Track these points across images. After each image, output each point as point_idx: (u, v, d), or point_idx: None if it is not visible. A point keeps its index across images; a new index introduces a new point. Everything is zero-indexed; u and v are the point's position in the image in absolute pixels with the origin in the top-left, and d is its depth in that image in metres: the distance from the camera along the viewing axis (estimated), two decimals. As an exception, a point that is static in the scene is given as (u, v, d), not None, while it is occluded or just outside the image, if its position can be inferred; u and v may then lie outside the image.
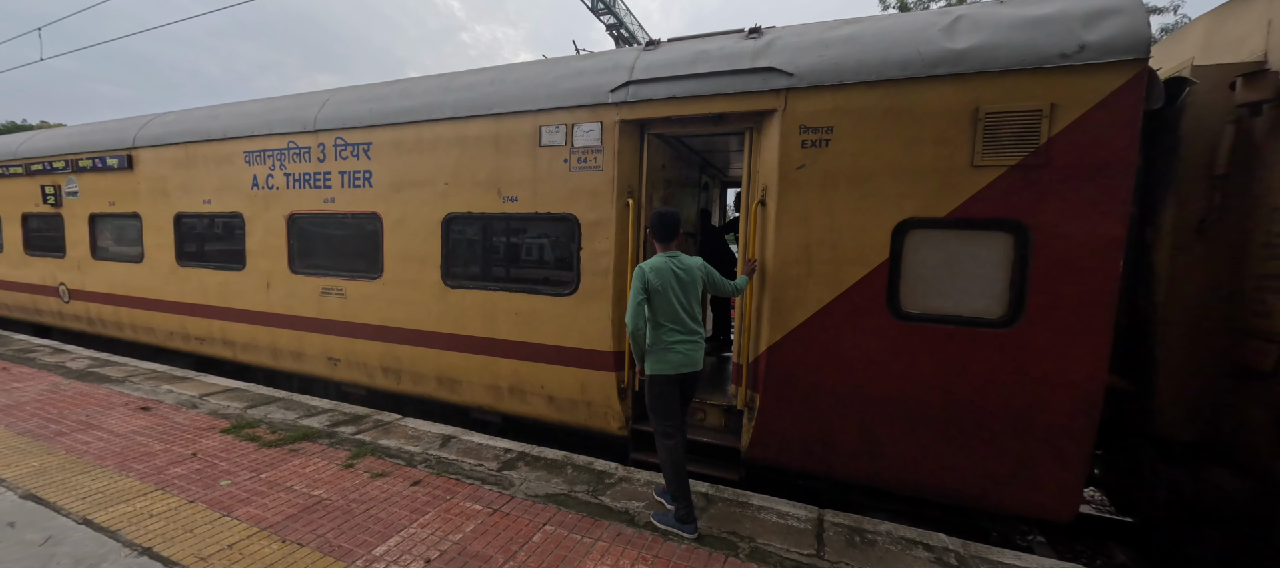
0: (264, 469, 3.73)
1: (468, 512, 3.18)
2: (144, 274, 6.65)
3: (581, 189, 4.05)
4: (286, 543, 2.87)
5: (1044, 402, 3.00)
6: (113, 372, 6.05)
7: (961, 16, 3.21)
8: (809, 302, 3.45)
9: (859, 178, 3.28)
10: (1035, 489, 3.08)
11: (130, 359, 6.66)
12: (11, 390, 5.31)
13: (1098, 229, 2.85)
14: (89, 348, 7.24)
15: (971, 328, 3.12)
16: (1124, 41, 2.78)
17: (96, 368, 6.19)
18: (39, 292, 7.96)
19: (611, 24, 19.12)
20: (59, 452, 3.95)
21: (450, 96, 4.58)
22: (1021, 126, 2.95)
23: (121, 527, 3.01)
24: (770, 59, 3.51)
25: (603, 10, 18.71)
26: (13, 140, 8.34)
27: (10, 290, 8.42)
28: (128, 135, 6.64)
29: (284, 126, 5.38)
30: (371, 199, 4.94)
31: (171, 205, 6.27)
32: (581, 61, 4.28)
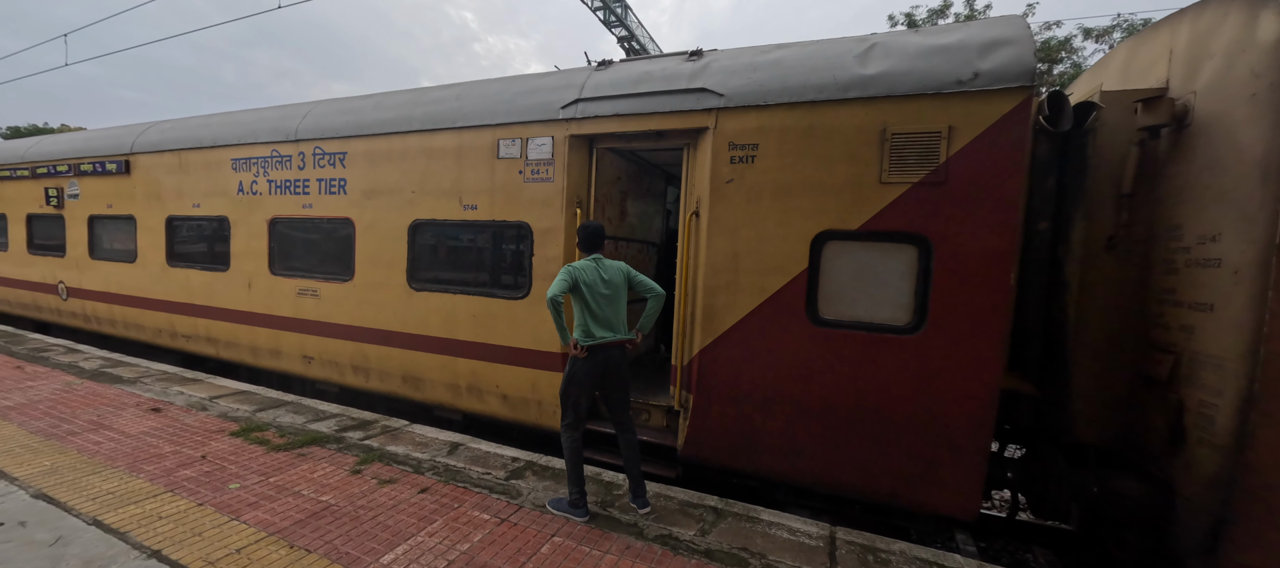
0: (273, 473, 3.72)
1: (476, 521, 3.15)
2: (137, 274, 6.97)
3: (534, 199, 4.31)
4: (294, 549, 2.85)
5: (945, 404, 3.20)
6: (125, 372, 6.13)
7: (876, 44, 3.46)
8: (737, 308, 3.67)
9: (781, 192, 3.52)
10: (940, 488, 3.26)
11: (142, 360, 6.75)
12: (26, 389, 5.37)
13: (991, 242, 3.06)
14: (100, 347, 7.55)
15: (881, 334, 3.33)
16: (1013, 70, 3.02)
17: (109, 368, 6.28)
18: (40, 289, 8.31)
19: (622, 37, 19.18)
20: (71, 452, 3.96)
21: (419, 110, 4.87)
22: (923, 147, 3.18)
23: (131, 529, 3.00)
24: (704, 81, 3.77)
25: (614, 22, 18.98)
26: (21, 144, 8.77)
27: (13, 288, 8.79)
28: (127, 142, 7.00)
29: (268, 136, 5.70)
30: (345, 205, 5.22)
31: (164, 208, 6.60)
32: (537, 80, 4.57)
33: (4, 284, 8.92)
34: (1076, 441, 3.69)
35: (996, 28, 3.23)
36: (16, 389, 5.33)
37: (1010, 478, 3.72)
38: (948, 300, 3.16)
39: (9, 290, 8.89)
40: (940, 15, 15.53)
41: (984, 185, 3.06)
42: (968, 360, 3.13)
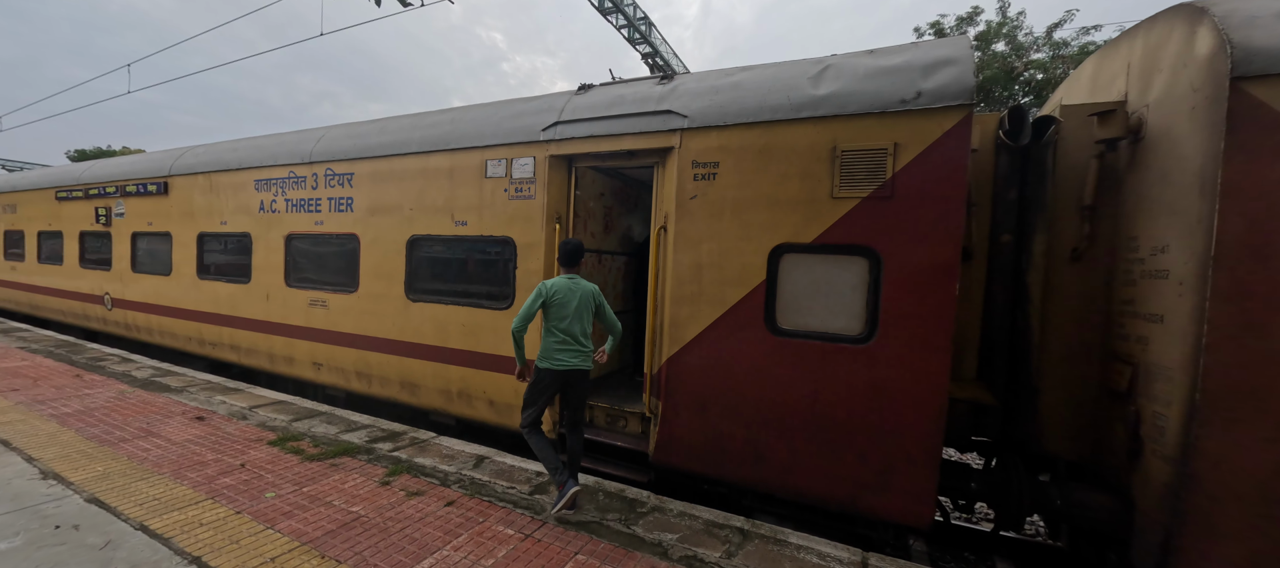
0: (306, 483, 3.80)
1: (500, 536, 3.16)
2: (171, 285, 7.56)
3: (518, 215, 4.59)
4: (325, 559, 2.90)
5: (896, 413, 3.27)
6: (172, 381, 6.40)
7: (829, 66, 3.62)
8: (701, 318, 3.83)
9: (740, 207, 3.68)
10: (894, 495, 3.32)
11: (188, 370, 7.05)
12: (83, 397, 5.62)
13: (935, 254, 3.15)
14: (138, 354, 8.19)
15: (835, 344, 3.43)
16: (952, 89, 3.14)
17: (158, 377, 6.57)
18: (89, 300, 9.07)
19: (646, 53, 19.42)
20: (121, 458, 4.12)
21: (417, 133, 5.24)
22: (871, 163, 3.31)
23: (174, 535, 3.10)
24: (670, 103, 3.99)
25: (638, 40, 19.41)
26: (78, 168, 9.63)
27: (67, 299, 9.60)
28: (166, 165, 7.66)
29: (286, 158, 6.18)
30: (352, 222, 5.62)
31: (196, 225, 7.18)
32: (521, 104, 4.88)
33: (60, 296, 9.75)
34: (1046, 452, 3.70)
35: (941, 49, 3.35)
36: (75, 397, 5.62)
37: (974, 489, 3.72)
38: (896, 311, 3.26)
39: (63, 301, 9.71)
40: (969, 23, 15.41)
41: (928, 199, 3.17)
42: (916, 370, 3.21)
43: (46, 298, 10.11)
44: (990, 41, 14.97)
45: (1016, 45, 14.76)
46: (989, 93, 14.39)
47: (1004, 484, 3.59)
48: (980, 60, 14.69)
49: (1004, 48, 14.84)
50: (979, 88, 14.10)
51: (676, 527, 3.36)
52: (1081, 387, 3.58)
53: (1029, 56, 14.35)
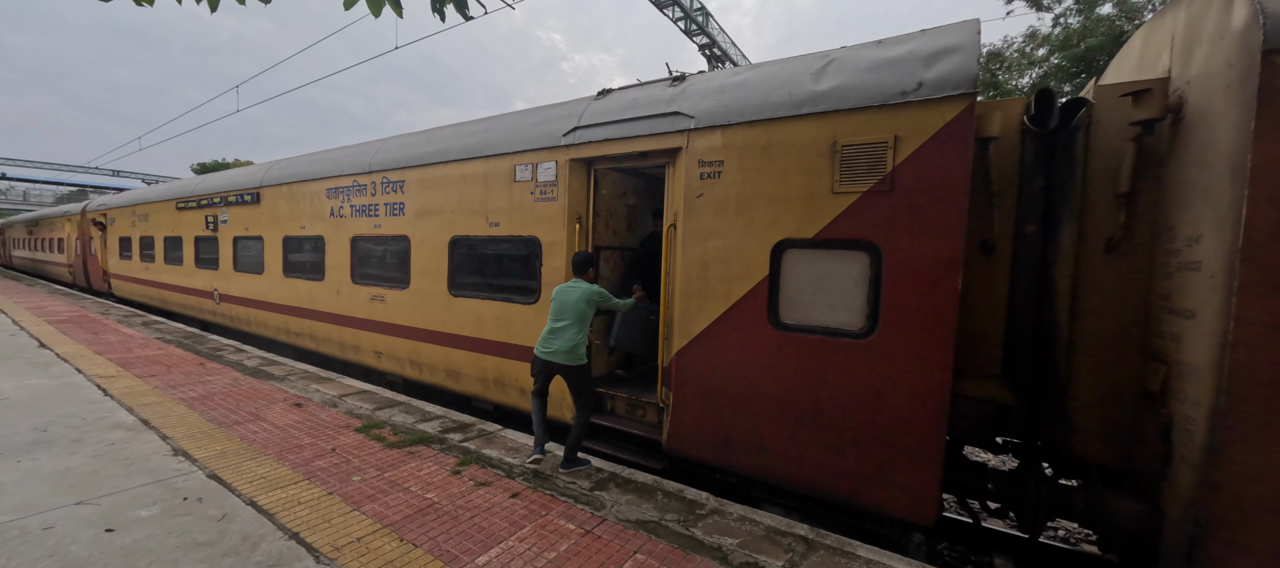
0: (387, 469, 4.04)
1: (561, 530, 3.24)
2: (263, 283, 8.66)
3: (543, 216, 4.91)
4: (403, 542, 3.08)
5: (897, 409, 3.25)
6: (276, 371, 6.98)
7: (832, 60, 3.61)
8: (708, 312, 3.95)
9: (744, 204, 3.76)
10: (896, 490, 3.30)
11: (288, 360, 7.66)
12: (205, 383, 6.29)
13: (936, 249, 3.09)
14: (240, 342, 9.46)
15: (837, 338, 3.45)
16: (955, 78, 3.05)
17: (265, 366, 7.18)
18: (202, 295, 10.53)
19: (704, 44, 19.12)
20: (235, 439, 4.52)
21: (457, 142, 5.70)
22: (871, 157, 3.29)
23: (277, 511, 3.37)
24: (679, 105, 4.12)
25: (695, 31, 19.21)
26: (192, 182, 11.17)
27: (184, 294, 11.20)
28: (258, 177, 8.75)
29: (351, 169, 6.91)
30: (404, 225, 6.21)
31: (281, 230, 8.17)
32: (546, 111, 5.18)
33: (181, 291, 11.39)
34: (1076, 457, 3.50)
35: (945, 37, 3.25)
36: (198, 383, 6.29)
37: (990, 490, 3.59)
38: (897, 306, 3.23)
39: (184, 296, 11.33)
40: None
41: (929, 192, 3.11)
42: (917, 365, 3.17)
43: (171, 294, 11.83)
44: (1095, 4, 13.42)
45: (1128, 6, 13.00)
46: (1092, 63, 12.91)
47: (1021, 487, 3.44)
48: (1082, 26, 13.29)
49: (1111, 9, 13.19)
50: (1082, 58, 12.81)
51: (737, 531, 3.28)
52: (1116, 388, 3.36)
53: (1142, 17, 12.71)
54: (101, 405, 5.25)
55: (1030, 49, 16.57)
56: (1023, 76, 16.87)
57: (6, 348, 7.67)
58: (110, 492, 3.52)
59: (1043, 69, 14.98)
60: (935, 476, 3.16)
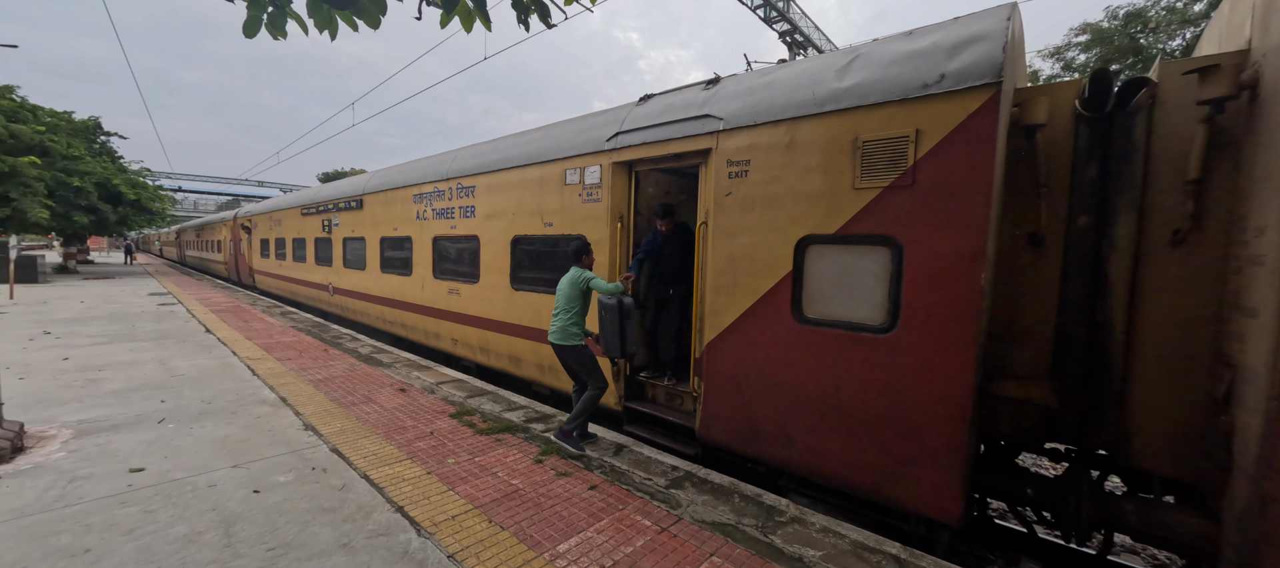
0: (477, 454, 4.29)
1: (638, 526, 3.29)
2: (365, 278, 9.95)
3: (589, 216, 5.30)
4: (491, 523, 3.25)
5: (918, 405, 3.22)
6: (384, 358, 7.72)
7: (858, 56, 3.61)
8: (736, 306, 4.11)
9: (769, 201, 3.87)
10: (917, 486, 3.28)
11: (393, 349, 8.43)
12: (328, 367, 7.10)
13: (960, 243, 3.04)
14: (364, 334, 10.95)
15: (858, 333, 3.47)
16: (978, 68, 2.97)
17: (375, 354, 7.95)
18: (319, 288, 12.25)
19: (785, 30, 18.43)
20: (352, 419, 5.01)
21: (517, 150, 6.27)
22: (891, 152, 3.28)
23: (386, 485, 3.68)
24: (709, 108, 4.29)
25: (775, 18, 18.20)
26: (310, 192, 12.99)
27: (307, 287, 13.07)
28: (361, 186, 10.05)
29: (432, 177, 7.78)
30: (474, 226, 6.91)
31: (379, 231, 9.35)
32: (593, 118, 5.55)
33: (305, 285, 13.31)
34: (1137, 466, 3.25)
35: (973, 25, 3.15)
36: (323, 367, 7.12)
37: (1031, 495, 3.42)
38: (918, 301, 3.20)
39: (303, 289, 13.23)
40: None
41: (952, 186, 3.06)
42: (938, 362, 3.13)
43: (298, 287, 13.85)
44: None
45: None
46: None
47: (1062, 494, 3.26)
48: None
49: None
50: None
51: (819, 543, 3.15)
52: (1183, 394, 3.08)
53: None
54: (250, 383, 6.20)
55: (1183, 4, 14.34)
56: (1174, 39, 14.63)
57: (181, 332, 9.45)
58: (257, 458, 4.11)
59: (1201, 28, 12.98)
60: (958, 475, 3.10)
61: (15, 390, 5.45)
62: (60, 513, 3.26)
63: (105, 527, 3.12)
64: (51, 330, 9.15)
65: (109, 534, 3.05)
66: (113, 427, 4.66)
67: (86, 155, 20.25)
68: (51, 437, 4.39)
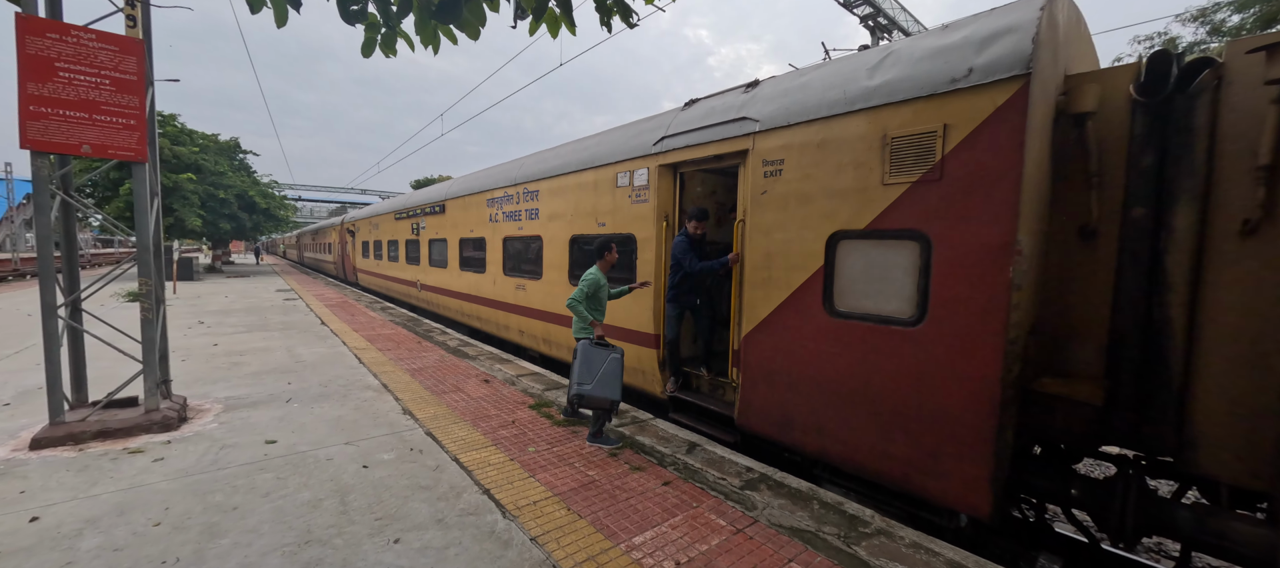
0: (555, 444, 4.46)
1: (712, 525, 3.26)
2: (447, 275, 11.01)
3: (638, 216, 5.65)
4: (570, 512, 3.33)
5: (946, 398, 3.24)
6: (470, 351, 8.17)
7: (890, 54, 3.66)
8: (771, 300, 4.28)
9: (802, 199, 4.01)
10: (946, 479, 3.29)
11: (478, 342, 8.93)
12: (421, 358, 7.62)
13: (987, 237, 3.04)
14: (458, 331, 12.17)
15: (887, 326, 3.53)
16: (1006, 60, 2.96)
17: (462, 347, 8.43)
18: (410, 285, 13.66)
19: (867, 14, 17.37)
20: (443, 405, 5.34)
21: (575, 156, 6.77)
22: (920, 147, 3.32)
23: (474, 469, 3.88)
24: (746, 111, 4.49)
25: (856, 2, 17.19)
26: (403, 198, 14.49)
27: (399, 284, 14.60)
28: (443, 193, 11.14)
29: (502, 183, 8.52)
30: (537, 226, 7.52)
31: (458, 233, 10.33)
32: (642, 124, 5.89)
33: (398, 283, 14.87)
34: (1200, 472, 3.06)
35: (1005, 17, 3.12)
36: (417, 357, 7.67)
37: (1074, 496, 3.29)
38: (945, 295, 3.23)
39: (396, 285, 14.78)
40: None
41: (979, 180, 3.06)
42: (966, 355, 3.14)
43: (392, 284, 15.50)
44: None
45: None
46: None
47: (1108, 495, 3.13)
48: None
49: None
50: None
51: (909, 559, 2.97)
52: (1254, 395, 2.87)
53: None
54: (357, 371, 6.83)
55: None
56: None
57: (302, 324, 10.77)
58: (365, 437, 4.51)
59: None
60: (986, 468, 3.10)
61: (179, 371, 6.45)
62: (214, 475, 3.77)
63: (248, 489, 3.56)
64: (204, 320, 10.92)
65: (250, 496, 3.47)
66: (252, 404, 5.39)
67: (229, 171, 23.78)
68: (206, 410, 5.17)
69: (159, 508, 3.29)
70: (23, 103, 3.94)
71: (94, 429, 4.30)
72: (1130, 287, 3.22)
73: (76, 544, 2.90)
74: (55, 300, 4.26)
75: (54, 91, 4.03)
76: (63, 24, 4.07)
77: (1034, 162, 3.07)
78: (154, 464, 3.91)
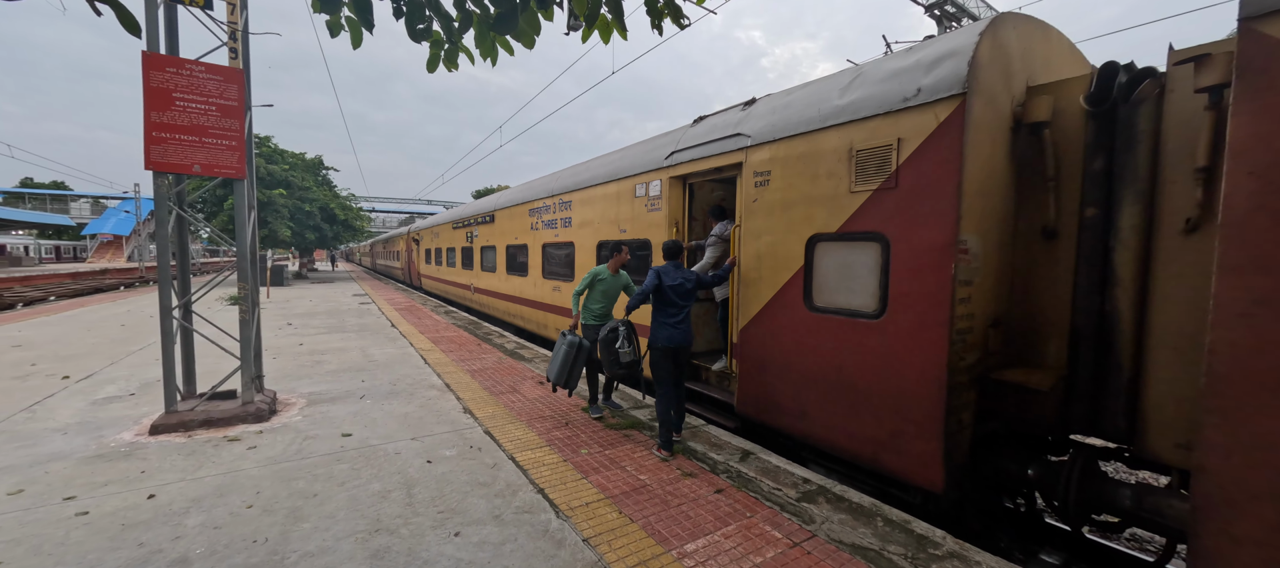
0: (607, 447, 4.50)
1: (768, 536, 3.17)
2: (495, 279, 12.06)
3: (652, 223, 6.26)
4: (621, 515, 3.33)
5: (903, 382, 3.62)
6: (526, 354, 8.54)
7: (859, 75, 4.07)
8: (761, 297, 4.75)
9: (787, 206, 4.47)
10: (905, 456, 3.65)
11: (533, 345, 9.37)
12: (481, 359, 8.00)
13: (933, 238, 3.41)
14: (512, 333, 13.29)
15: (855, 319, 3.94)
16: (946, 81, 3.34)
17: (519, 350, 8.85)
18: (464, 288, 14.94)
19: (932, 3, 16.37)
20: (500, 405, 5.53)
21: (602, 169, 7.47)
22: (880, 159, 3.72)
23: (529, 468, 3.97)
24: (740, 127, 4.99)
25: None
26: (459, 209, 15.85)
27: (456, 287, 15.95)
28: (493, 204, 12.23)
29: (541, 195, 9.39)
30: (570, 234, 8.29)
31: (505, 241, 11.34)
32: (657, 140, 6.49)
33: (455, 286, 16.25)
34: (1153, 457, 3.28)
35: (949, 42, 3.48)
36: (477, 359, 8.05)
37: (1031, 476, 3.54)
38: (902, 289, 3.61)
39: (454, 289, 16.15)
40: None
41: (926, 187, 3.44)
42: (918, 343, 3.51)
43: (450, 288, 16.92)
44: None
45: None
46: None
47: (1056, 477, 3.39)
48: None
49: None
50: None
51: None
52: (1195, 384, 3.07)
53: None
54: (423, 370, 7.25)
55: None
56: None
57: (375, 326, 11.59)
58: (429, 434, 4.76)
59: None
60: (938, 446, 3.44)
61: (270, 367, 7.07)
62: (297, 463, 4.05)
63: (326, 478, 3.82)
64: (291, 322, 12.12)
65: (329, 484, 3.73)
66: (331, 399, 5.82)
67: (313, 186, 26.55)
68: (292, 404, 5.60)
69: (251, 492, 3.62)
70: (147, 129, 4.42)
71: (200, 418, 4.82)
72: (1085, 283, 3.47)
73: (184, 521, 3.24)
74: (171, 303, 4.82)
75: (171, 119, 4.49)
76: (180, 59, 4.60)
77: (982, 168, 3.41)
78: (248, 452, 4.31)
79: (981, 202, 3.44)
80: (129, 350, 8.51)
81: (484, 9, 2.40)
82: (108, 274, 30.13)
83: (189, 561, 2.87)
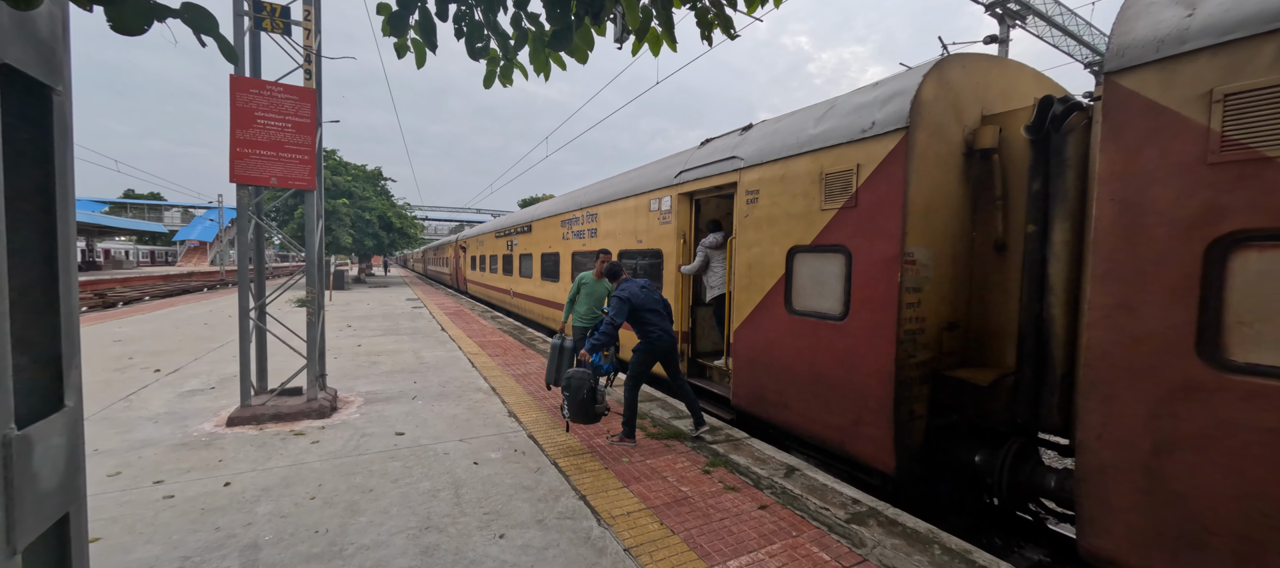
0: (648, 457, 4.47)
1: (815, 558, 3.04)
2: (531, 284, 13.07)
3: (664, 234, 6.96)
4: (662, 526, 3.29)
5: (861, 377, 4.15)
6: None
7: (833, 107, 4.65)
8: (751, 302, 5.36)
9: (772, 220, 5.07)
10: (864, 442, 4.17)
11: None
12: (525, 364, 8.26)
13: (884, 250, 3.95)
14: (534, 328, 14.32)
15: (825, 321, 4.49)
16: (893, 117, 3.89)
17: None
18: (504, 293, 16.09)
19: (991, 1, 15.33)
20: (543, 410, 5.68)
21: (623, 185, 8.26)
22: (844, 181, 4.29)
23: (572, 474, 4.00)
24: (736, 151, 5.64)
25: None
26: (499, 221, 17.07)
27: (497, 292, 17.15)
28: (529, 216, 13.29)
29: (571, 207, 10.28)
30: (596, 243, 9.11)
31: (539, 249, 12.32)
32: (670, 160, 7.20)
33: (497, 291, 17.46)
34: None
35: (900, 82, 4.03)
36: (521, 364, 8.30)
37: (977, 463, 3.98)
38: (860, 295, 4.15)
39: (495, 293, 17.36)
40: None
41: (878, 206, 3.99)
42: (873, 342, 4.04)
43: (492, 292, 18.17)
44: None
45: None
46: None
47: (992, 463, 3.82)
48: None
49: None
50: None
51: None
52: None
53: None
54: (470, 373, 7.43)
55: None
56: None
57: (426, 330, 11.96)
58: (476, 436, 4.88)
59: None
60: (888, 433, 3.95)
61: (331, 367, 7.24)
62: (354, 459, 4.22)
63: (381, 474, 3.96)
64: (351, 324, 12.72)
65: (382, 480, 3.86)
66: (385, 399, 6.03)
67: (373, 196, 28.77)
68: (351, 402, 5.86)
69: (314, 484, 3.80)
70: (233, 145, 4.79)
71: (271, 413, 5.13)
72: (1028, 291, 3.91)
73: (254, 508, 3.42)
74: (249, 305, 5.19)
75: (253, 135, 4.83)
76: (262, 81, 4.97)
77: (929, 190, 3.93)
78: (312, 446, 4.52)
79: (928, 219, 3.94)
80: (210, 348, 9.30)
81: (540, 27, 2.46)
82: (194, 277, 33.67)
83: (259, 546, 3.03)
